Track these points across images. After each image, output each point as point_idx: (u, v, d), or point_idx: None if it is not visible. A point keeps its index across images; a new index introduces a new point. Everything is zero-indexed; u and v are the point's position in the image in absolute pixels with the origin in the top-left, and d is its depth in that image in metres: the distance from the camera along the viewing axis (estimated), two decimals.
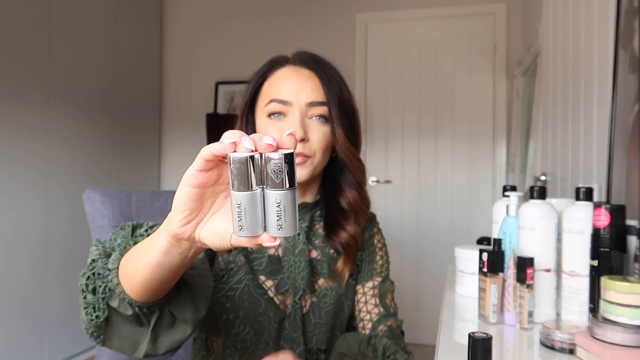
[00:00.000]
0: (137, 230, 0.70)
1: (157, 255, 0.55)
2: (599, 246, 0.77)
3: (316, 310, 0.90)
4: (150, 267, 0.56)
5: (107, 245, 0.67)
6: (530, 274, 0.81)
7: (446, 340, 0.79)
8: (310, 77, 0.87)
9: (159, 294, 0.61)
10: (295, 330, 0.87)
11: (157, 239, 0.54)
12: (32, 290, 2.50)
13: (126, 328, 0.65)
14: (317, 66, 0.88)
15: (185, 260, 0.56)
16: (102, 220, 1.04)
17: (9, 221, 2.38)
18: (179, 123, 3.68)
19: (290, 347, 0.87)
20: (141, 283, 0.58)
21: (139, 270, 0.58)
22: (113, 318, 0.64)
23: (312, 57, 0.90)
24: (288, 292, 0.88)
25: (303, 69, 0.88)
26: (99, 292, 0.62)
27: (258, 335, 0.87)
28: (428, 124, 3.31)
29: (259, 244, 0.44)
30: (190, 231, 0.49)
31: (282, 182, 0.41)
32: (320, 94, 0.86)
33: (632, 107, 1.08)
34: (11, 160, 2.38)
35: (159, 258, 0.55)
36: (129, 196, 1.09)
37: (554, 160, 1.90)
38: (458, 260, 1.07)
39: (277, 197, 0.42)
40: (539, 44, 2.34)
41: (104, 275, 0.63)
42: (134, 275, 0.59)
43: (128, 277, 0.60)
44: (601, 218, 0.77)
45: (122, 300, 0.61)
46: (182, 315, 0.66)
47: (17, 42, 2.42)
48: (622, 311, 0.63)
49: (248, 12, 3.58)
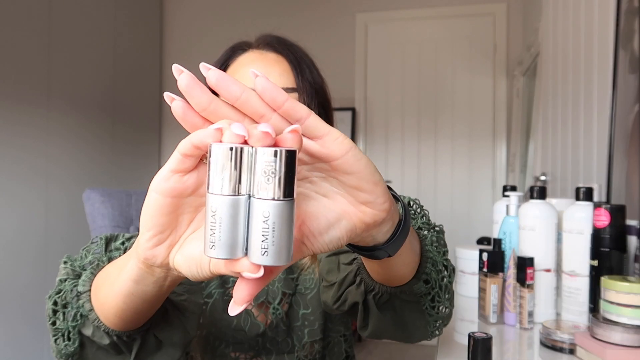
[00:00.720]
0: (112, 244, 0.60)
1: (127, 283, 0.44)
2: (599, 246, 0.77)
3: (299, 300, 0.79)
4: (122, 297, 0.46)
5: (77, 263, 0.58)
6: (530, 274, 0.81)
7: (446, 340, 0.80)
8: (278, 60, 0.76)
9: (138, 323, 0.52)
10: (280, 334, 0.78)
11: (127, 264, 0.44)
12: (32, 291, 2.50)
13: (105, 355, 0.56)
14: (285, 49, 0.77)
15: (162, 289, 0.44)
16: (102, 220, 1.04)
17: (9, 221, 2.38)
18: (179, 123, 3.67)
19: (278, 352, 0.78)
20: (114, 313, 0.48)
21: (110, 298, 0.48)
22: (87, 345, 0.55)
23: (279, 39, 0.79)
24: (266, 300, 0.78)
25: (269, 52, 0.77)
26: (69, 319, 0.54)
27: (237, 349, 0.77)
28: (428, 124, 3.31)
29: (236, 271, 0.32)
30: (162, 256, 0.37)
31: (274, 188, 0.30)
32: (290, 79, 0.74)
33: (632, 107, 1.08)
34: (11, 160, 2.38)
35: (129, 287, 0.44)
36: (129, 196, 1.09)
37: (554, 160, 1.90)
38: (458, 260, 1.08)
39: (265, 208, 0.30)
40: (539, 44, 2.34)
41: (74, 298, 0.54)
42: (106, 303, 0.49)
43: (100, 303, 0.50)
44: (601, 218, 0.77)
45: (97, 328, 0.52)
46: (169, 339, 0.57)
47: (17, 42, 2.42)
48: (622, 311, 0.63)
49: (248, 12, 3.58)
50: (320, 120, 0.34)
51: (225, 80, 0.32)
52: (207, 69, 0.33)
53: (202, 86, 0.32)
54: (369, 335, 0.66)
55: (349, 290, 0.64)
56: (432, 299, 0.61)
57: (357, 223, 0.36)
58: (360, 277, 0.62)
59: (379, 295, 0.60)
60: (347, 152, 0.33)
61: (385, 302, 0.61)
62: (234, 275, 0.33)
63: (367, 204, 0.36)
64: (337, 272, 0.66)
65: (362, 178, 0.34)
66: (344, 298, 0.65)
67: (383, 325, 0.63)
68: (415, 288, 0.58)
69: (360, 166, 0.34)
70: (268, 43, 0.78)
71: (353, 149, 0.33)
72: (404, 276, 0.56)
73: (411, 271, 0.56)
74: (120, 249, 0.59)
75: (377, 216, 0.36)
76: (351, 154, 0.33)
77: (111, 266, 0.51)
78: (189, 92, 0.32)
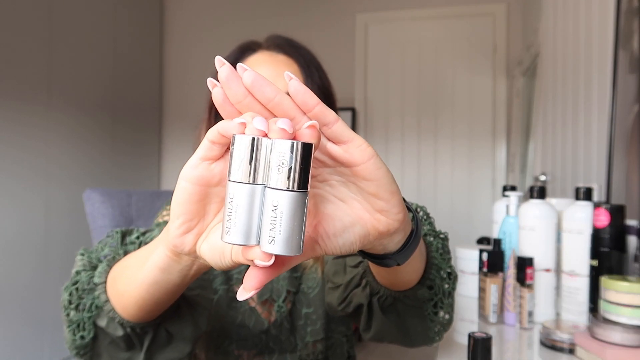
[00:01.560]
0: (127, 238, 0.62)
1: (154, 272, 0.47)
2: (599, 246, 0.77)
3: (302, 299, 0.80)
4: (145, 286, 0.48)
5: (94, 255, 0.60)
6: (530, 274, 0.81)
7: (446, 340, 0.80)
8: (288, 63, 0.78)
9: (154, 314, 0.54)
10: (284, 333, 0.79)
11: (153, 252, 0.46)
12: (32, 290, 2.50)
13: (116, 349, 0.58)
14: (294, 51, 0.80)
15: (187, 279, 0.47)
16: (102, 220, 1.04)
17: (9, 221, 2.38)
18: (179, 123, 3.68)
19: (281, 350, 0.79)
20: (134, 302, 0.51)
21: (131, 288, 0.50)
22: (100, 337, 0.57)
23: (288, 40, 0.81)
24: (271, 297, 0.79)
25: (279, 54, 0.79)
26: (85, 310, 0.56)
27: (241, 347, 0.78)
28: (428, 124, 3.32)
29: (249, 258, 0.33)
30: (190, 243, 0.39)
31: (285, 178, 0.31)
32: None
33: (631, 107, 1.08)
34: (11, 160, 2.39)
35: (155, 275, 0.47)
36: (129, 196, 1.09)
37: (554, 160, 1.90)
38: (458, 260, 1.08)
39: (274, 198, 0.32)
40: (539, 44, 2.34)
41: (90, 290, 0.56)
42: (126, 293, 0.51)
43: (119, 294, 0.53)
44: (601, 218, 0.77)
45: (112, 320, 0.54)
46: (180, 333, 0.59)
47: (17, 42, 2.42)
48: (621, 311, 0.64)
49: (248, 12, 3.58)
50: (347, 127, 0.35)
51: (259, 82, 0.34)
52: (222, 63, 0.34)
53: (240, 81, 0.34)
54: (371, 338, 0.67)
55: (354, 293, 0.65)
56: (434, 305, 0.62)
57: (371, 230, 0.38)
58: (366, 280, 0.63)
59: (383, 298, 0.61)
60: (369, 160, 0.35)
61: (389, 305, 0.62)
62: (249, 264, 0.34)
63: (382, 212, 0.37)
64: (343, 274, 0.67)
65: (380, 186, 0.36)
66: (349, 300, 0.66)
67: (386, 327, 0.64)
68: (419, 293, 0.59)
69: (380, 174, 0.35)
70: (278, 45, 0.80)
71: (374, 158, 0.35)
72: (410, 282, 0.57)
73: (417, 277, 0.57)
74: (135, 242, 0.61)
75: (391, 225, 0.38)
76: (372, 161, 0.35)
77: (131, 257, 0.53)
78: (227, 84, 0.34)
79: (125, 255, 0.58)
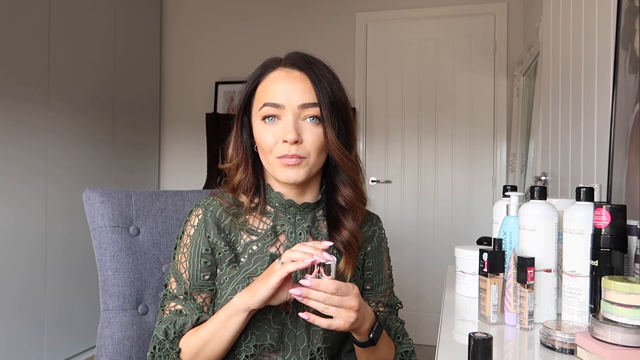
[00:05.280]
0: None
1: (238, 328, 0.82)
2: (600, 246, 0.77)
3: None
4: (230, 342, 0.83)
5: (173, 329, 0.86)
6: (531, 274, 0.80)
7: (446, 341, 0.79)
8: (302, 78, 0.87)
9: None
10: (298, 328, 0.87)
11: (234, 317, 0.81)
12: (32, 290, 2.50)
13: None
14: (308, 67, 0.88)
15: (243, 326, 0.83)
16: (101, 220, 1.04)
17: (9, 221, 2.38)
18: (179, 123, 3.68)
19: (294, 344, 0.87)
20: (220, 356, 0.84)
21: (221, 344, 0.83)
22: None
23: (304, 57, 0.90)
24: None
25: (294, 70, 0.88)
26: None
27: (260, 341, 0.86)
28: (428, 124, 3.31)
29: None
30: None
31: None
32: (312, 95, 0.87)
33: (632, 107, 1.07)
34: (11, 160, 2.38)
35: (238, 332, 0.83)
36: (129, 196, 1.09)
37: (554, 160, 1.90)
38: (458, 260, 1.07)
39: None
40: (539, 43, 2.34)
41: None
42: (217, 350, 0.84)
43: (207, 356, 0.84)
44: (602, 218, 0.77)
45: None
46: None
47: (17, 42, 2.42)
48: (622, 311, 0.63)
49: (248, 12, 3.58)
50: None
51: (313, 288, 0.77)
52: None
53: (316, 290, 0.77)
54: None
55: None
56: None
57: (337, 326, 0.79)
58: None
59: None
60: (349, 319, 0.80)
61: None
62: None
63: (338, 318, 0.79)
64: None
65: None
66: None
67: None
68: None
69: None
70: (294, 62, 0.89)
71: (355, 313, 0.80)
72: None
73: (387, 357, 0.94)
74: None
75: (342, 326, 0.79)
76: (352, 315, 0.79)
77: (209, 326, 0.84)
78: (309, 294, 0.77)
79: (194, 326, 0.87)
